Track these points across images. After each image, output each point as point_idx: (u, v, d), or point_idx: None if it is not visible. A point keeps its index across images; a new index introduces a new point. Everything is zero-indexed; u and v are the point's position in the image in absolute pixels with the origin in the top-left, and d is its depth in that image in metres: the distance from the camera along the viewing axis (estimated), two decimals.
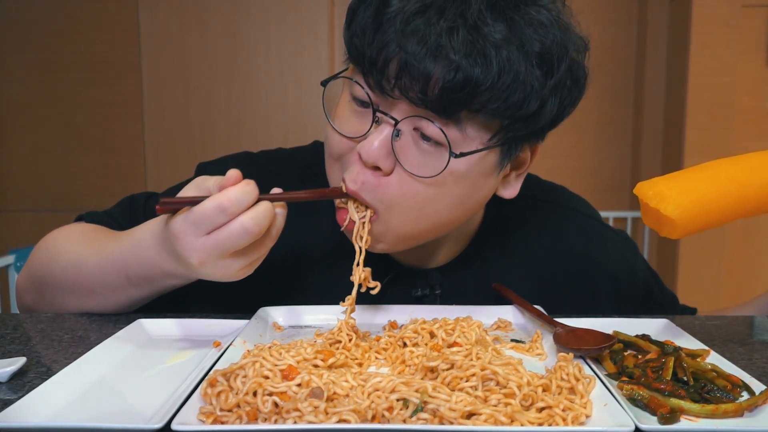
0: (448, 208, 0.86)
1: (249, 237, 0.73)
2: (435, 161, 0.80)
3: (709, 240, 2.71)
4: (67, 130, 3.09)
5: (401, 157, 0.81)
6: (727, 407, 0.60)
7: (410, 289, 1.00)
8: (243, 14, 3.01)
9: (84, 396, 0.64)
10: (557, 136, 3.58)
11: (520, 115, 0.79)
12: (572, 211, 1.10)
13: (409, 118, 0.79)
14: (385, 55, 0.77)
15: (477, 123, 0.79)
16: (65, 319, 0.92)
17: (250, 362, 0.63)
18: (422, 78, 0.75)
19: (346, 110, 0.85)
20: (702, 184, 0.75)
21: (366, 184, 0.82)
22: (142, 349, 0.79)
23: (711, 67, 2.65)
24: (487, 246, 1.03)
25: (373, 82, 0.79)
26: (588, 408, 0.60)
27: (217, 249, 0.73)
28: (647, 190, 0.76)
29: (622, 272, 1.08)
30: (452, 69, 0.74)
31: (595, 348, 0.72)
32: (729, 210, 0.76)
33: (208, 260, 0.74)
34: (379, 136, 0.80)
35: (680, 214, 0.73)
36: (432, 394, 0.58)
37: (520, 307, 0.92)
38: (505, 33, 0.75)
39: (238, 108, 3.06)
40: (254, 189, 0.74)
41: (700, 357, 0.73)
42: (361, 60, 0.80)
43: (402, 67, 0.76)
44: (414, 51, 0.74)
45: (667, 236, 0.76)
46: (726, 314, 1.03)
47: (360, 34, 0.79)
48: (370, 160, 0.80)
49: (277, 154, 1.12)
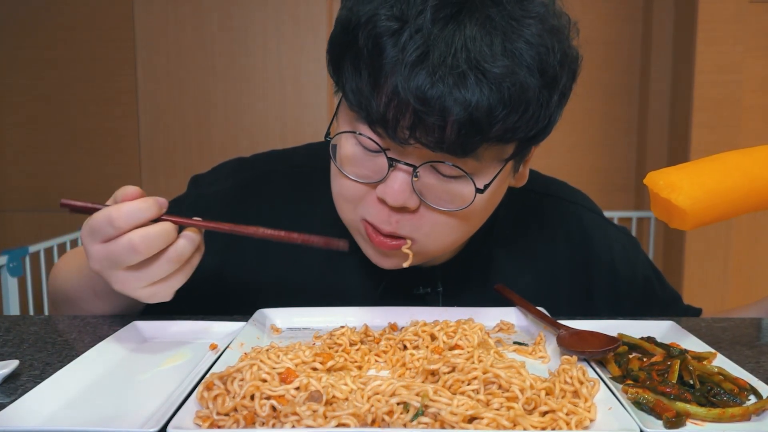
0: (477, 221, 0.88)
1: (135, 254, 0.73)
2: (459, 192, 0.80)
3: (715, 239, 2.69)
4: (61, 128, 3.07)
5: (425, 196, 0.80)
6: (734, 411, 0.59)
7: (412, 288, 1.00)
8: (240, 10, 2.99)
9: (77, 399, 0.63)
10: (562, 134, 3.57)
11: (535, 132, 0.79)
12: (572, 204, 1.10)
13: (427, 163, 0.78)
14: (395, 109, 0.74)
15: (493, 149, 0.79)
16: (58, 322, 0.91)
17: (247, 365, 0.62)
18: (438, 126, 0.73)
19: (355, 154, 0.82)
20: (713, 176, 0.74)
21: (400, 222, 0.82)
22: (137, 351, 0.78)
23: (717, 64, 2.63)
24: (488, 242, 1.03)
25: (384, 133, 0.77)
26: (592, 412, 0.59)
27: (108, 259, 0.74)
28: (658, 180, 0.75)
29: (623, 267, 1.08)
30: (467, 110, 0.72)
31: (600, 351, 0.71)
32: (739, 202, 0.75)
33: (103, 269, 0.75)
34: (399, 180, 0.79)
35: (692, 205, 0.72)
36: (433, 397, 0.57)
37: (522, 309, 0.91)
38: (507, 60, 0.73)
39: (235, 106, 3.05)
40: (151, 207, 0.74)
41: (706, 360, 0.73)
42: (366, 113, 0.77)
43: (416, 119, 0.74)
44: (426, 101, 0.72)
45: (677, 227, 0.75)
46: (732, 315, 1.02)
47: (357, 91, 0.77)
48: (398, 204, 0.79)
49: (269, 156, 1.11)
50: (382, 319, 0.89)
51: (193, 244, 0.78)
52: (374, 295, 0.99)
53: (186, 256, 0.77)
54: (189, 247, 0.77)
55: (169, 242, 0.75)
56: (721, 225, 2.67)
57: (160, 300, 0.79)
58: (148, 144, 3.07)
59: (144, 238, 0.73)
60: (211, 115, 3.05)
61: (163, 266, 0.76)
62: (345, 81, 0.80)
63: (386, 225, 0.82)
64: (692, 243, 2.70)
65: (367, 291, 1.00)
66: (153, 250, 0.74)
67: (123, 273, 0.75)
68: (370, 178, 0.81)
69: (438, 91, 0.72)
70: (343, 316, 0.89)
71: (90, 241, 0.75)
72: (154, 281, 0.77)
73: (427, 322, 0.82)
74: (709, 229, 2.67)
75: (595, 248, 1.06)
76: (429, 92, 0.72)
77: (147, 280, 0.76)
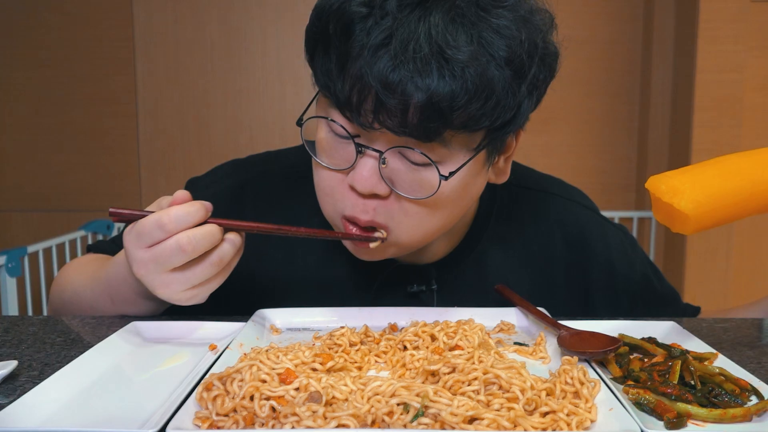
0: (449, 212, 0.87)
1: (182, 254, 0.76)
2: (427, 179, 0.81)
3: (716, 241, 2.69)
4: (60, 128, 3.06)
5: (394, 183, 0.82)
6: (735, 412, 0.59)
7: (406, 286, 1.00)
8: (239, 9, 2.99)
9: (76, 400, 0.63)
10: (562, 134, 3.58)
11: (502, 122, 0.80)
12: (568, 201, 1.10)
13: (393, 148, 0.80)
14: (358, 92, 0.77)
15: (461, 137, 0.79)
16: (57, 322, 0.91)
17: (246, 366, 0.62)
18: (400, 109, 0.75)
19: (328, 142, 0.85)
20: (715, 179, 0.74)
21: (377, 209, 0.83)
22: (137, 352, 0.78)
23: (719, 63, 2.62)
24: (482, 239, 1.03)
25: (351, 117, 0.79)
26: (593, 413, 0.59)
27: (153, 262, 0.77)
28: (660, 184, 0.75)
29: (620, 264, 1.08)
30: (428, 95, 0.73)
31: (600, 351, 0.71)
32: (742, 206, 0.75)
33: (147, 273, 0.78)
34: (367, 166, 0.80)
35: (694, 210, 0.72)
36: (433, 398, 0.57)
37: (523, 309, 0.90)
38: (471, 48, 0.74)
39: (234, 105, 3.04)
40: (199, 210, 0.77)
41: (707, 360, 0.72)
42: (335, 97, 0.80)
43: (378, 102, 0.75)
44: (387, 85, 0.74)
45: (679, 232, 0.75)
46: (732, 315, 1.02)
47: (326, 73, 0.80)
48: (366, 190, 0.81)
49: (264, 156, 1.12)
50: (382, 319, 0.89)
51: (235, 247, 0.80)
52: (369, 293, 1.00)
53: (228, 259, 0.80)
54: (231, 250, 0.80)
55: (214, 244, 0.78)
56: (722, 226, 2.66)
57: (196, 303, 0.82)
58: (147, 143, 3.06)
59: (191, 239, 0.76)
60: (210, 115, 3.05)
61: (207, 269, 0.79)
62: (317, 66, 0.82)
63: (363, 214, 0.83)
64: (693, 243, 2.69)
65: (361, 290, 1.00)
66: (199, 250, 0.77)
67: (167, 276, 0.78)
68: (340, 166, 0.83)
69: (399, 76, 0.73)
70: (343, 317, 0.88)
71: (137, 246, 0.77)
72: (196, 284, 0.79)
73: (427, 322, 0.81)
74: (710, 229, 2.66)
75: (592, 245, 1.06)
76: (390, 76, 0.74)
77: (189, 283, 0.79)
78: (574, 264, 1.05)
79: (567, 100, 2.97)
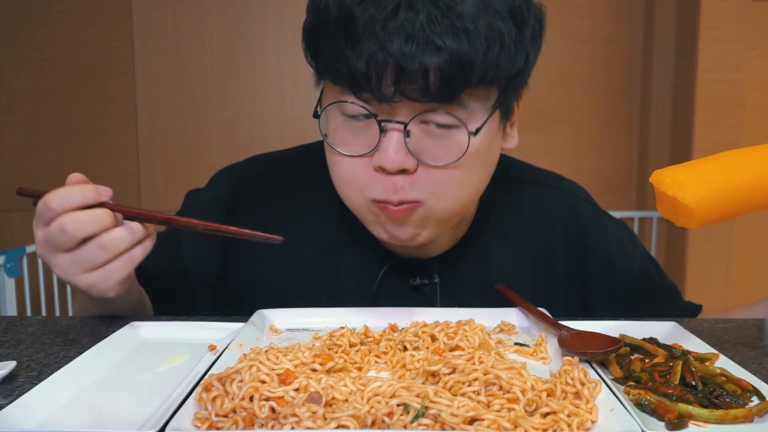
0: (477, 176, 0.88)
1: (65, 235, 0.77)
2: (453, 144, 0.82)
3: (718, 240, 2.68)
4: (58, 127, 3.05)
5: (421, 155, 0.82)
6: (736, 413, 0.59)
7: (408, 279, 1.00)
8: (238, 8, 2.98)
9: (75, 401, 0.63)
10: (563, 134, 3.56)
11: (513, 74, 0.82)
12: (569, 195, 1.10)
13: (417, 116, 0.80)
14: (375, 67, 0.77)
15: (478, 96, 0.81)
16: (56, 322, 0.91)
17: (246, 366, 0.62)
18: (421, 75, 0.76)
19: (345, 130, 0.84)
20: (720, 174, 0.74)
21: (405, 188, 0.83)
22: (135, 352, 0.78)
23: (720, 63, 2.62)
24: (484, 233, 1.04)
25: (371, 95, 0.79)
26: (594, 413, 0.59)
27: (45, 241, 0.79)
28: (664, 178, 0.75)
29: (619, 258, 1.08)
30: (446, 55, 0.75)
31: (601, 352, 0.71)
32: (745, 200, 0.75)
33: (44, 253, 0.80)
34: (392, 142, 0.80)
35: (698, 203, 0.72)
36: (433, 399, 0.57)
37: (523, 309, 0.90)
38: (475, 3, 0.77)
39: (233, 105, 3.04)
40: (86, 191, 0.79)
41: (708, 361, 0.72)
42: (351, 78, 0.79)
43: (398, 72, 0.76)
44: (405, 52, 0.75)
45: (683, 226, 0.76)
46: (733, 314, 1.02)
47: (337, 56, 0.79)
48: (395, 167, 0.80)
49: (258, 159, 1.13)
50: (382, 320, 0.89)
51: (132, 235, 0.80)
52: (371, 288, 1.00)
53: (121, 245, 0.79)
54: (125, 236, 0.80)
55: (102, 228, 0.78)
56: (724, 225, 2.66)
57: (101, 292, 0.82)
58: (146, 143, 3.05)
59: (74, 221, 0.77)
60: (209, 114, 3.04)
61: (96, 251, 0.79)
62: (325, 60, 0.82)
63: (394, 195, 0.83)
64: (695, 243, 2.69)
65: (364, 284, 1.00)
66: (82, 232, 0.77)
67: (60, 257, 0.79)
68: (363, 151, 0.83)
69: (416, 40, 0.75)
70: (342, 317, 0.88)
71: (36, 226, 0.80)
72: (89, 268, 0.79)
73: (427, 323, 0.81)
74: (711, 228, 2.66)
75: (591, 239, 1.07)
76: (407, 42, 0.75)
77: (82, 266, 0.79)
78: (574, 257, 1.06)
79: (568, 99, 2.97)
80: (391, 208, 0.84)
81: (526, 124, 2.99)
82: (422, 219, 0.86)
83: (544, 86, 2.92)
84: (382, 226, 0.89)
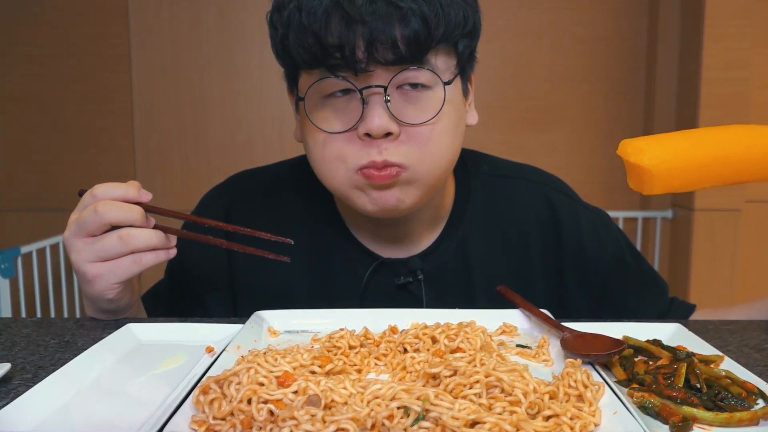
0: (452, 141, 0.93)
1: (95, 216, 0.82)
2: (429, 103, 0.89)
3: (722, 240, 2.67)
4: (54, 126, 3.03)
5: (402, 116, 0.87)
6: (741, 415, 0.58)
7: (393, 279, 1.03)
8: (236, 6, 2.97)
9: (71, 404, 0.62)
10: (565, 133, 3.55)
11: (466, 32, 0.90)
12: (541, 185, 1.13)
13: (393, 78, 0.86)
14: (347, 39, 0.83)
15: (441, 56, 0.89)
16: (52, 324, 0.90)
17: (244, 368, 0.61)
18: (390, 39, 0.83)
19: (329, 111, 0.90)
20: (681, 142, 0.79)
21: (389, 149, 0.87)
22: (132, 354, 0.77)
23: (725, 61, 2.60)
24: (461, 227, 1.07)
25: (347, 67, 0.85)
26: (597, 416, 0.58)
27: (75, 223, 0.84)
28: (626, 147, 0.79)
29: (591, 245, 1.10)
30: (410, 17, 0.83)
31: (605, 354, 0.70)
32: (707, 169, 0.79)
33: (70, 235, 0.85)
34: (376, 108, 0.86)
35: (657, 165, 0.76)
36: (434, 401, 0.56)
37: (525, 311, 0.90)
38: None
39: (231, 104, 3.02)
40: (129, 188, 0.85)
41: (713, 363, 0.72)
42: (325, 56, 0.85)
43: (369, 41, 0.82)
44: (372, 20, 0.81)
45: (648, 193, 0.79)
46: (733, 312, 1.03)
47: (307, 48, 0.85)
48: (381, 131, 0.86)
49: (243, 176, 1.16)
50: (382, 321, 0.88)
51: (150, 238, 0.84)
52: (358, 289, 1.03)
53: (136, 242, 0.83)
54: (143, 236, 0.84)
55: (128, 220, 0.84)
56: (729, 224, 2.65)
57: (101, 290, 0.85)
58: (143, 142, 3.04)
59: (107, 204, 0.83)
60: (206, 113, 3.03)
61: (113, 241, 0.83)
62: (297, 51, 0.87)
63: (378, 156, 0.87)
64: (699, 243, 2.68)
65: (351, 286, 1.03)
66: (110, 216, 0.82)
67: (81, 240, 0.84)
68: (349, 124, 0.88)
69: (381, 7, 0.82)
70: (342, 319, 0.87)
71: (75, 212, 0.85)
72: (102, 257, 0.84)
73: (428, 324, 0.81)
74: (716, 228, 2.65)
75: (563, 228, 1.09)
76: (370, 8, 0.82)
77: (95, 253, 0.84)
78: (548, 247, 1.08)
79: (570, 98, 2.96)
80: (376, 174, 0.88)
81: (528, 122, 2.99)
82: (405, 183, 0.90)
83: (547, 84, 2.91)
84: (368, 195, 0.91)
